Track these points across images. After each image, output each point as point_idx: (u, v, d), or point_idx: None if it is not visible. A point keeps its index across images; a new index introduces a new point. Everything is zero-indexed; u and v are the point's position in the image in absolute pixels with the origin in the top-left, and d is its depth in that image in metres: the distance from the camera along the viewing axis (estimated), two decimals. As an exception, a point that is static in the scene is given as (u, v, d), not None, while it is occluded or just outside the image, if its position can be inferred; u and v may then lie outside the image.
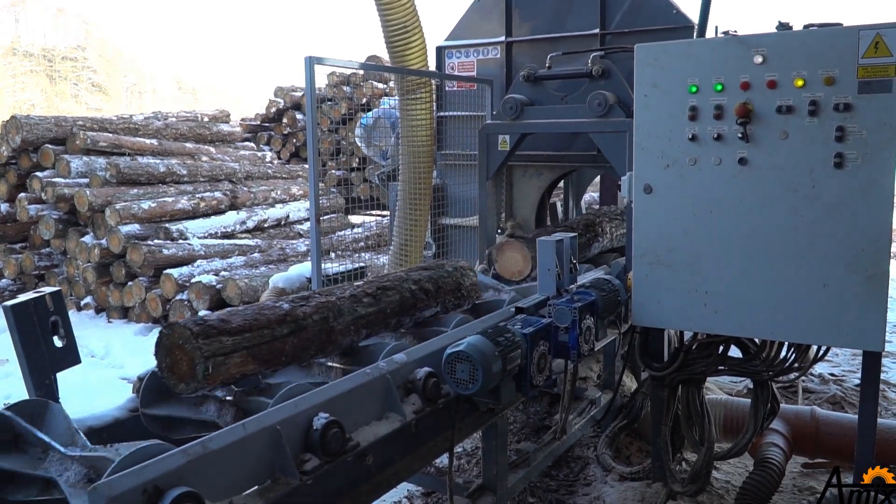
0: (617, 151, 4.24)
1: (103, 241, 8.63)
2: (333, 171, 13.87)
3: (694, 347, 3.43)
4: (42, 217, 9.18)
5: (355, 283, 2.74)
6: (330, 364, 2.61)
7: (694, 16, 4.56)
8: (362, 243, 9.68)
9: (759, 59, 2.95)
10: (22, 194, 9.41)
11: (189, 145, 11.19)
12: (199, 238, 9.13)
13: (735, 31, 3.04)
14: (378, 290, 2.71)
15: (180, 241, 8.83)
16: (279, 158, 14.66)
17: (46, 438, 1.85)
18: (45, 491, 1.79)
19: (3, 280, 9.55)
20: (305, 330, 2.30)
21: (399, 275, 2.93)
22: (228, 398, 2.23)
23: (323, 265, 4.64)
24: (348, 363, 2.64)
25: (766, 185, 2.99)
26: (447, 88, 5.92)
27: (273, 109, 15.79)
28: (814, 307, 2.94)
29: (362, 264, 5.51)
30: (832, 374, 5.77)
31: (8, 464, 1.84)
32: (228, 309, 2.23)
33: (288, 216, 10.90)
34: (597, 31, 5.16)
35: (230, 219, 9.86)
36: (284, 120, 15.51)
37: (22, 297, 2.27)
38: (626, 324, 3.66)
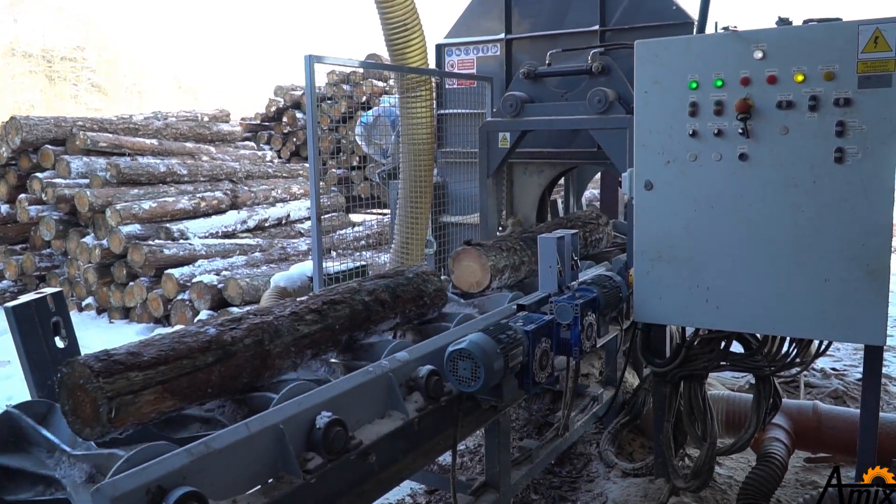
0: (617, 148, 4.24)
1: (104, 242, 8.63)
2: (334, 170, 13.86)
3: (696, 343, 3.43)
4: (42, 218, 9.18)
5: (300, 299, 2.53)
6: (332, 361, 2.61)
7: (694, 12, 4.56)
8: (363, 242, 9.69)
9: (759, 55, 2.95)
10: (22, 195, 9.42)
11: (189, 145, 11.18)
12: (199, 238, 9.13)
13: (735, 27, 3.04)
14: (324, 304, 2.50)
15: (181, 241, 8.83)
16: (279, 157, 14.65)
17: (53, 438, 1.86)
18: (48, 490, 1.80)
19: (4, 281, 9.55)
20: (235, 356, 2.09)
21: (351, 286, 2.73)
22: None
23: (324, 264, 4.64)
24: (350, 361, 2.65)
25: (766, 181, 2.99)
26: (447, 86, 5.92)
27: (273, 108, 15.79)
28: (815, 302, 2.94)
29: (363, 263, 5.51)
30: (834, 369, 5.77)
31: (11, 462, 1.84)
32: (144, 339, 2.05)
33: (289, 215, 10.90)
34: (596, 27, 5.16)
35: (231, 218, 9.86)
36: (284, 119, 15.51)
37: (23, 298, 2.28)
38: (628, 320, 3.66)
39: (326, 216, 11.06)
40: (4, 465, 1.84)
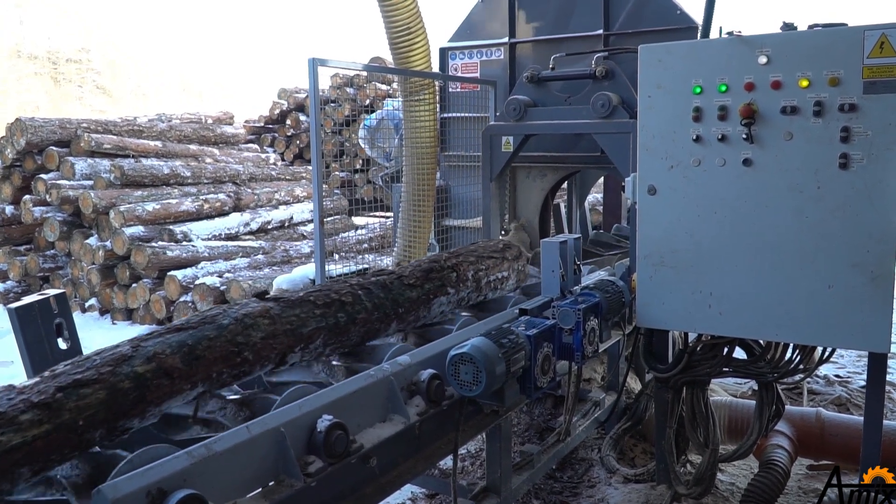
0: (621, 152, 4.24)
1: (108, 243, 8.65)
2: (337, 173, 13.88)
3: (698, 349, 3.42)
4: (47, 219, 9.20)
5: (22, 384, 1.71)
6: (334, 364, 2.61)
7: (698, 16, 4.55)
8: (366, 245, 9.69)
9: (763, 60, 2.94)
10: (26, 196, 9.44)
11: (193, 147, 11.21)
12: (202, 240, 9.14)
13: (739, 32, 3.03)
14: (59, 391, 1.64)
15: (184, 243, 8.84)
16: (283, 160, 14.68)
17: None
18: (49, 491, 1.79)
19: (8, 282, 9.57)
20: None
21: (120, 352, 1.87)
22: (232, 396, 2.23)
23: (327, 267, 4.64)
24: (352, 365, 2.64)
25: (770, 186, 2.98)
26: (450, 90, 5.92)
27: (276, 111, 15.83)
28: (819, 308, 2.93)
29: (366, 266, 5.51)
30: (837, 376, 5.75)
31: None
32: None
33: (292, 218, 10.91)
34: (600, 31, 5.16)
35: (234, 221, 9.87)
36: (288, 122, 15.54)
37: (26, 300, 2.28)
38: (631, 325, 3.65)
39: (329, 219, 11.07)
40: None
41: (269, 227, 10.48)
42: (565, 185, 6.23)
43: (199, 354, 1.99)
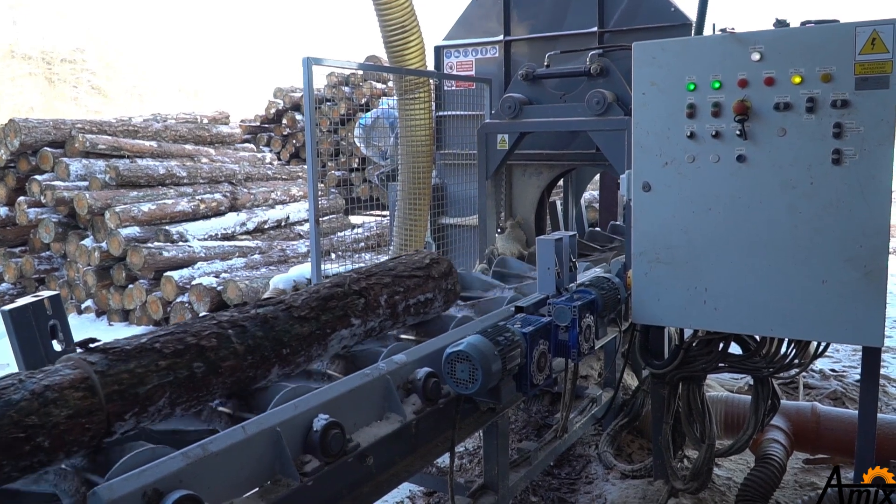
0: (616, 150, 4.25)
1: (103, 244, 8.63)
2: (333, 172, 13.88)
3: (694, 345, 3.43)
4: (42, 220, 9.18)
5: None
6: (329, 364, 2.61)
7: (692, 13, 4.56)
8: (363, 244, 9.69)
9: (756, 57, 2.95)
10: (21, 198, 9.41)
11: (189, 147, 11.19)
12: (199, 240, 9.13)
13: (732, 29, 3.04)
14: None
15: (180, 244, 8.83)
16: (279, 159, 14.67)
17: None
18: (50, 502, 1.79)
19: (4, 284, 9.54)
20: None
21: None
22: (226, 410, 2.23)
23: (323, 266, 4.64)
24: (348, 365, 2.65)
25: (764, 182, 2.99)
26: (446, 88, 5.93)
27: (272, 110, 15.81)
28: (813, 303, 2.94)
29: (362, 265, 5.51)
30: (833, 370, 5.77)
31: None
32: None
33: (288, 217, 10.90)
34: (595, 29, 5.16)
35: (230, 220, 9.86)
36: (284, 121, 15.52)
37: (21, 301, 2.28)
38: (627, 322, 3.66)
39: (325, 218, 11.07)
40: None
41: (266, 226, 10.47)
42: (561, 182, 6.24)
43: None
